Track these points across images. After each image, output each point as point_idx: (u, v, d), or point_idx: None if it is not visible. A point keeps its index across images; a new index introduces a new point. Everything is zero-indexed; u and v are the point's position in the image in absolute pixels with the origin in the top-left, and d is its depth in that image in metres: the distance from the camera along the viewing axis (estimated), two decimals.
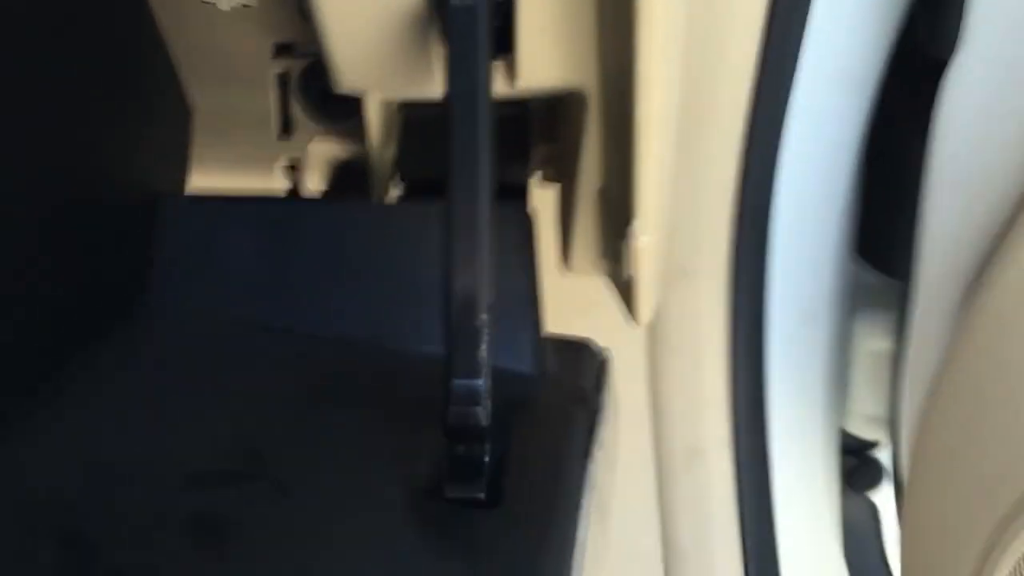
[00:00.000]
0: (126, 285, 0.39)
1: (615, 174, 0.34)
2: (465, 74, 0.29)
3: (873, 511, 0.72)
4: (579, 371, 0.39)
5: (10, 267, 0.32)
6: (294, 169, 0.50)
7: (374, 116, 0.44)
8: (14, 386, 0.32)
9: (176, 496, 0.28)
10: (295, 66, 0.48)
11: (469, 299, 0.30)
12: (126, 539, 0.26)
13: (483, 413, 0.30)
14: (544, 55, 0.31)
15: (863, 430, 0.68)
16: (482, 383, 0.30)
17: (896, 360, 0.59)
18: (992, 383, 0.42)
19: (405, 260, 0.40)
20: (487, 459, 0.31)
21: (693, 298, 0.55)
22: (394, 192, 0.48)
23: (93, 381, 0.34)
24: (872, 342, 0.62)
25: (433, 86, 0.34)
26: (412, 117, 0.45)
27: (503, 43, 0.32)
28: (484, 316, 0.30)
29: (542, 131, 0.45)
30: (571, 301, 0.42)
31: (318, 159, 0.50)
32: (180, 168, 0.44)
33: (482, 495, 0.30)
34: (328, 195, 0.51)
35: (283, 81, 0.48)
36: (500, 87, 0.33)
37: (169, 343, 0.38)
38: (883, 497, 0.70)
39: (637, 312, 0.37)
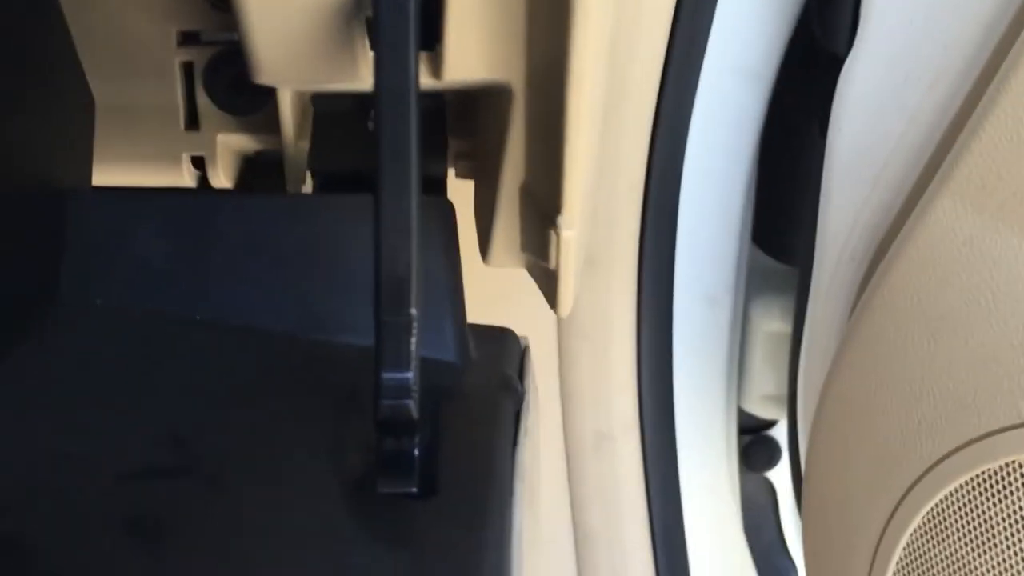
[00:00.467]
0: (34, 284, 0.38)
1: (540, 168, 0.34)
2: (395, 67, 0.29)
3: (770, 489, 0.75)
4: (502, 359, 0.39)
5: None
6: (202, 163, 0.49)
7: (288, 109, 0.43)
8: None
9: (107, 494, 0.28)
10: (201, 55, 0.47)
11: (398, 292, 0.30)
12: (61, 541, 0.26)
13: (413, 406, 0.30)
14: (471, 49, 0.31)
15: (760, 410, 0.70)
16: (412, 376, 0.30)
17: (792, 341, 0.61)
18: (887, 364, 0.44)
19: (325, 252, 0.39)
20: (417, 452, 0.31)
21: (603, 287, 0.56)
22: (306, 187, 0.47)
23: (6, 383, 0.33)
24: (769, 324, 0.65)
25: (357, 79, 0.33)
26: (324, 110, 0.45)
27: (428, 36, 0.32)
28: (413, 310, 0.30)
29: (456, 125, 0.46)
30: (481, 291, 0.43)
31: (226, 152, 0.49)
32: (84, 162, 0.43)
33: (415, 488, 0.31)
34: (239, 189, 0.50)
35: (188, 71, 0.47)
36: (424, 80, 0.33)
37: (84, 341, 0.37)
38: (779, 475, 0.73)
39: (560, 303, 0.37)
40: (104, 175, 0.47)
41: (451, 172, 0.47)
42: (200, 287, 0.39)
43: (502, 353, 0.40)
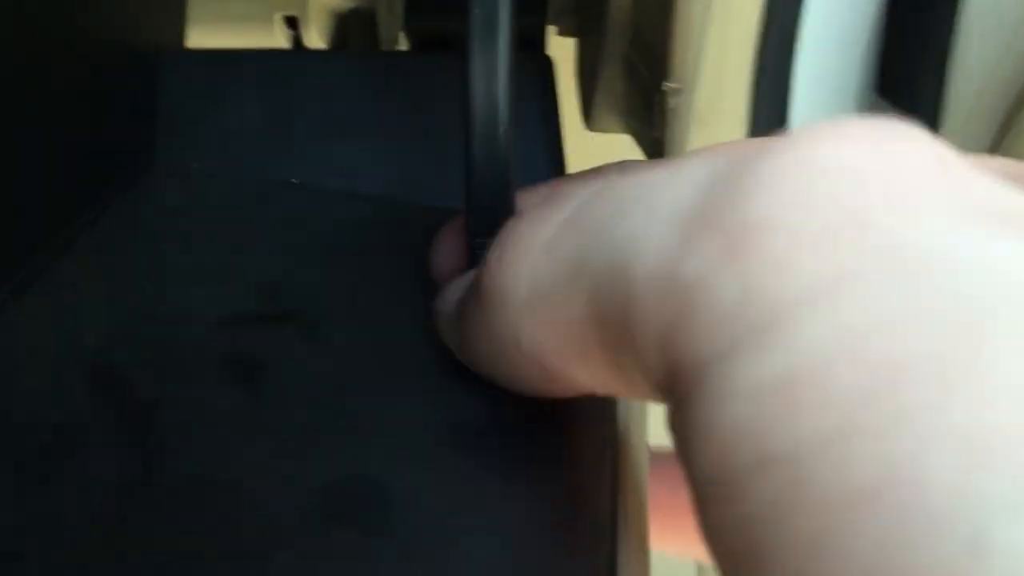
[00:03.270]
0: (128, 147, 0.38)
1: (647, 27, 0.32)
2: None
3: None
4: None
5: (8, 126, 0.30)
6: (295, 24, 0.48)
7: None
8: (21, 248, 0.31)
9: (205, 337, 0.28)
10: None
11: (492, 154, 0.28)
12: (159, 375, 0.26)
13: None
14: None
15: None
16: None
17: None
18: None
19: (420, 113, 0.38)
20: None
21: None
22: (401, 47, 0.46)
23: (105, 240, 0.33)
24: None
25: None
26: None
27: None
28: (507, 174, 0.28)
29: None
30: (584, 158, 0.41)
31: (320, 11, 0.48)
32: (177, 24, 0.42)
33: None
34: (333, 48, 0.49)
35: None
36: None
37: (180, 201, 0.37)
38: None
39: None
40: (197, 37, 0.46)
41: (553, 31, 0.45)
42: (293, 149, 0.38)
43: None
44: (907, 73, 0.60)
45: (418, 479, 0.23)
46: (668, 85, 0.30)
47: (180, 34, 0.42)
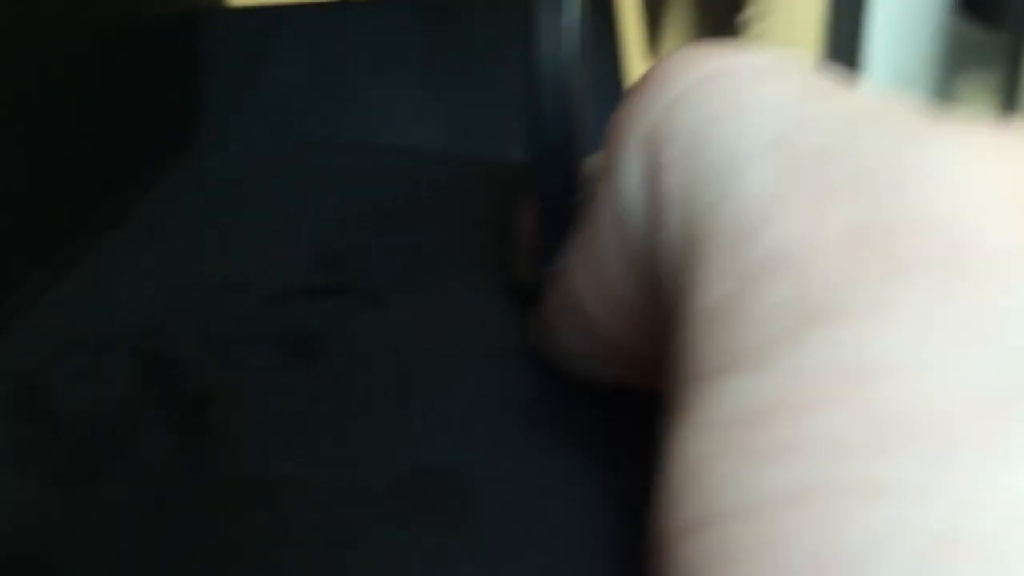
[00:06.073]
0: (175, 111, 0.36)
1: None
2: None
3: None
4: None
5: (51, 93, 0.28)
6: None
7: None
8: (66, 224, 0.30)
9: (260, 313, 0.26)
10: None
11: (558, 107, 0.26)
12: (211, 359, 0.24)
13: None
14: None
15: None
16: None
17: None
18: None
19: (475, 60, 0.36)
20: None
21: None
22: None
23: (154, 213, 0.32)
24: (972, 103, 0.58)
25: None
26: None
27: None
28: (574, 131, 0.26)
29: None
30: None
31: None
32: None
33: None
34: None
35: None
36: None
37: (233, 164, 0.35)
38: None
39: None
40: None
41: None
42: (343, 106, 0.37)
43: None
44: None
45: (495, 464, 0.21)
46: (745, 14, 0.28)
47: None
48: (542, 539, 0.19)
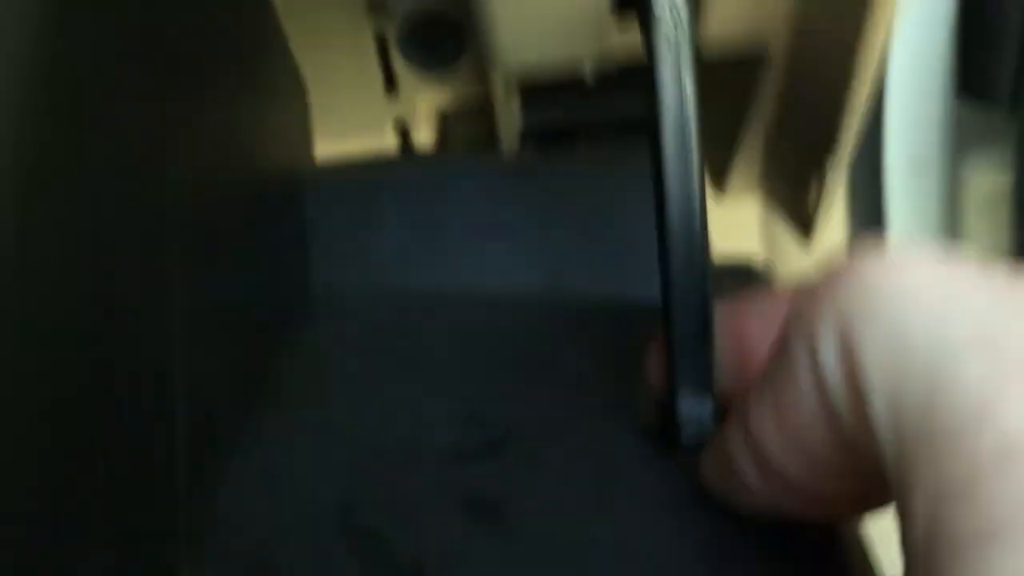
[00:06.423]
0: (289, 276, 0.39)
1: (799, 120, 0.33)
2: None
3: None
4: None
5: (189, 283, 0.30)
6: (404, 128, 0.49)
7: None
8: (233, 395, 0.32)
9: (436, 479, 0.28)
10: (391, 24, 0.46)
11: (693, 246, 0.27)
12: (413, 529, 0.27)
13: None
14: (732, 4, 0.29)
15: None
16: (711, 404, 0.27)
17: (1015, 192, 0.58)
18: None
19: (559, 215, 0.39)
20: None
21: None
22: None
23: (293, 376, 0.34)
24: (986, 182, 0.61)
25: (597, 51, 0.32)
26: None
27: None
28: (707, 271, 0.27)
29: None
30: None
31: (427, 111, 0.49)
32: (310, 146, 0.43)
33: None
34: (443, 146, 0.50)
35: (380, 39, 0.47)
36: None
37: (346, 330, 0.38)
38: None
39: (812, 236, 0.36)
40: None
41: None
42: (446, 260, 0.39)
43: (749, 287, 0.39)
44: (988, 61, 0.60)
45: None
46: (828, 164, 0.31)
47: (311, 156, 0.43)
48: None
